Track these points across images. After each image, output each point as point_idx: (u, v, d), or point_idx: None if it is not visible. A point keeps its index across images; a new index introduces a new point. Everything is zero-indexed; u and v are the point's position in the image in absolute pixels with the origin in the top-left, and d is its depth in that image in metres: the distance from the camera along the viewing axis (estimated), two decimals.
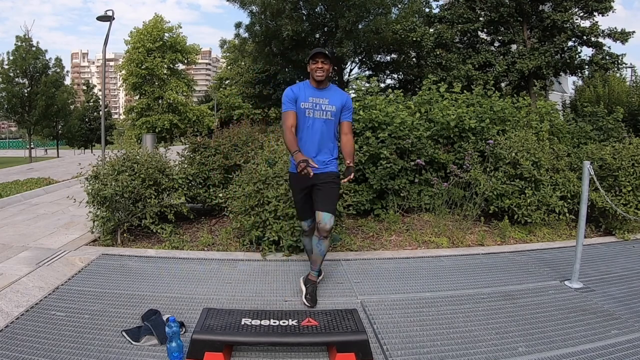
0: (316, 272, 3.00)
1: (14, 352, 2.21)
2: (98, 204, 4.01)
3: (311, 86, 2.88)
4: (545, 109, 5.87)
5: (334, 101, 2.87)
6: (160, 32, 25.42)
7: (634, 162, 4.48)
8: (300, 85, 2.93)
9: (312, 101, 2.84)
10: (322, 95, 2.86)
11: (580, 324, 2.61)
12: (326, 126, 2.86)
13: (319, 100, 2.85)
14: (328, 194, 2.84)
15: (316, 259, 2.97)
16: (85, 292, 2.99)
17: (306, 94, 2.85)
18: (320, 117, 2.84)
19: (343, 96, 2.92)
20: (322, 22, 16.79)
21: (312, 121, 2.84)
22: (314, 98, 2.85)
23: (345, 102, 2.92)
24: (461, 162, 4.78)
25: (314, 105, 2.84)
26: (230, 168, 4.84)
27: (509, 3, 13.47)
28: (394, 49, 17.73)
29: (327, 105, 2.85)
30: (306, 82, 2.94)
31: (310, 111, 2.84)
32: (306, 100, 2.84)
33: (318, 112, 2.84)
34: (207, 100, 40.42)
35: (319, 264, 3.00)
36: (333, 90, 2.93)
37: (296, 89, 2.88)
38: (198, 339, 2.15)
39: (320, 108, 2.85)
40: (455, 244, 4.18)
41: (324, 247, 2.92)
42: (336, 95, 2.90)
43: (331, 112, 2.86)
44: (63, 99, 25.47)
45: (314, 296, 2.87)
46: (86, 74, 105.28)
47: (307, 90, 2.88)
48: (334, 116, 2.87)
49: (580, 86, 17.85)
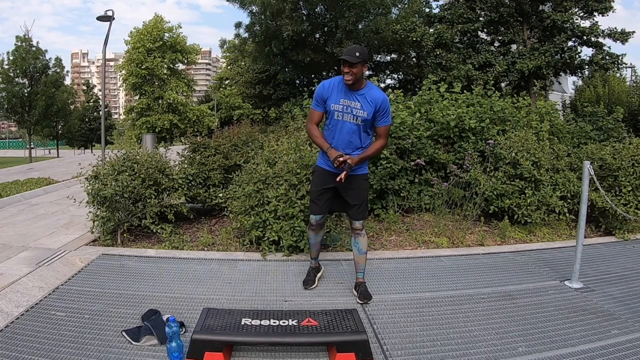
0: (362, 272, 3.03)
1: (14, 352, 2.21)
2: (98, 204, 4.01)
3: (345, 86, 2.73)
4: (545, 109, 5.87)
5: (366, 106, 2.72)
6: (160, 32, 25.40)
7: (634, 162, 4.49)
8: (334, 82, 2.78)
9: (343, 103, 2.73)
10: (354, 98, 2.73)
11: (580, 324, 2.61)
12: (356, 129, 2.77)
13: (350, 103, 2.73)
14: (359, 199, 2.88)
15: (358, 259, 3.02)
16: (85, 292, 2.99)
17: (338, 95, 2.74)
18: (351, 122, 2.75)
19: (377, 100, 2.72)
20: (322, 22, 16.79)
21: (342, 124, 2.76)
22: (346, 100, 2.73)
23: (379, 107, 2.72)
24: (461, 162, 4.78)
25: (344, 108, 2.73)
26: (230, 168, 4.84)
27: (509, 3, 13.46)
28: (394, 49, 17.74)
29: (358, 110, 2.73)
30: (342, 79, 2.75)
31: (339, 114, 2.75)
32: (337, 102, 2.74)
33: (348, 115, 2.74)
34: (207, 100, 40.44)
35: (361, 264, 3.02)
36: (368, 92, 2.74)
37: (329, 87, 2.77)
38: (198, 339, 2.15)
39: (351, 112, 2.73)
40: (455, 244, 4.18)
41: (360, 244, 2.97)
42: (369, 99, 2.73)
43: (362, 117, 2.73)
44: (63, 99, 25.47)
45: (367, 294, 2.92)
46: (86, 74, 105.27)
47: (341, 90, 2.75)
48: (364, 121, 2.74)
49: (580, 86, 17.87)
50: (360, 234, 2.98)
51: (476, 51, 14.25)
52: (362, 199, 2.92)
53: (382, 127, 2.81)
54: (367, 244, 3.09)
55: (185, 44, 26.41)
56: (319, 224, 3.02)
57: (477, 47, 14.57)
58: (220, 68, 53.31)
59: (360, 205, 2.91)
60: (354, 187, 2.86)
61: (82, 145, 39.87)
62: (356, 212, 2.91)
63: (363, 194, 2.93)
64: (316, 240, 3.14)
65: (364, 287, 2.97)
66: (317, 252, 3.24)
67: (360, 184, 2.91)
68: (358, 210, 2.91)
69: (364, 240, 3.00)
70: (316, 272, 3.26)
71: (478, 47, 14.59)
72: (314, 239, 3.15)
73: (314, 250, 3.22)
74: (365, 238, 3.02)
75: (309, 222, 3.12)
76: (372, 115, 2.75)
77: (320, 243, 3.20)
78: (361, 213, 2.93)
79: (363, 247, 2.99)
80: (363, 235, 2.99)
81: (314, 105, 2.84)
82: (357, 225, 2.95)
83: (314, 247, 3.19)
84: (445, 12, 14.51)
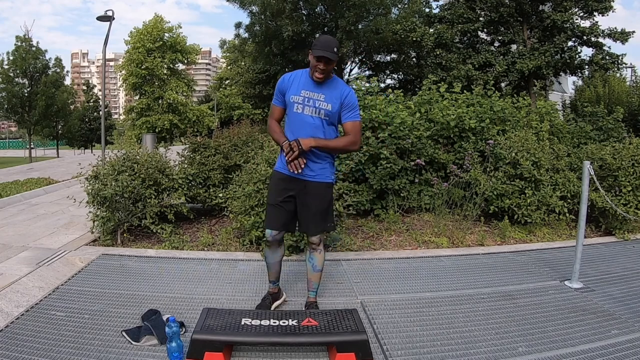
0: (313, 292, 2.71)
1: (14, 352, 2.20)
2: (98, 204, 4.01)
3: (309, 77, 2.43)
4: (545, 109, 5.87)
5: (331, 98, 2.40)
6: (160, 32, 25.42)
7: (634, 162, 4.49)
8: (297, 72, 2.49)
9: (304, 95, 2.40)
10: (318, 90, 2.40)
11: (580, 324, 2.61)
12: (319, 124, 2.42)
13: (312, 95, 2.40)
14: (313, 212, 2.49)
15: (311, 276, 2.66)
16: (85, 292, 2.99)
17: (299, 86, 2.42)
18: (312, 115, 2.40)
19: (343, 91, 2.43)
20: (322, 22, 16.81)
21: (302, 118, 2.41)
22: (307, 92, 2.40)
23: (344, 99, 2.42)
24: (461, 162, 4.78)
25: (305, 99, 2.40)
26: (230, 168, 4.84)
27: (509, 3, 13.48)
28: (394, 49, 17.77)
29: (322, 102, 2.40)
30: (305, 71, 2.47)
31: (299, 106, 2.41)
32: (297, 92, 2.40)
33: (309, 108, 2.40)
34: (207, 100, 40.44)
35: (315, 283, 2.68)
36: (334, 85, 2.45)
37: (289, 79, 2.47)
38: (198, 339, 2.15)
39: (313, 104, 2.40)
40: (455, 244, 4.18)
41: (315, 260, 2.61)
42: (335, 92, 2.43)
43: (325, 110, 2.40)
44: (63, 99, 25.47)
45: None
46: (86, 74, 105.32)
47: (303, 80, 2.44)
48: (329, 115, 2.41)
49: (580, 86, 17.88)
50: (317, 249, 2.60)
51: (476, 51, 14.27)
52: (321, 209, 2.51)
53: (350, 123, 2.45)
54: (324, 261, 2.66)
55: (185, 44, 26.44)
56: (276, 239, 2.57)
57: (477, 47, 14.59)
58: (220, 68, 53.33)
59: (317, 216, 2.50)
60: (313, 194, 2.47)
61: (82, 145, 39.89)
62: (311, 223, 2.50)
63: (323, 204, 2.52)
64: (274, 259, 2.67)
65: (315, 308, 2.64)
66: (277, 273, 2.74)
67: (322, 191, 2.49)
68: (313, 221, 2.50)
69: (321, 257, 2.62)
70: (274, 299, 2.75)
71: (478, 47, 14.61)
72: (271, 258, 2.67)
73: (272, 272, 2.73)
74: (323, 254, 2.63)
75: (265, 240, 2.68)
76: (338, 109, 2.43)
77: (280, 263, 2.71)
78: (317, 226, 2.52)
79: (318, 264, 2.62)
80: (320, 251, 2.60)
81: (274, 100, 2.55)
82: (313, 239, 2.56)
83: (272, 267, 2.71)
84: (445, 12, 14.52)
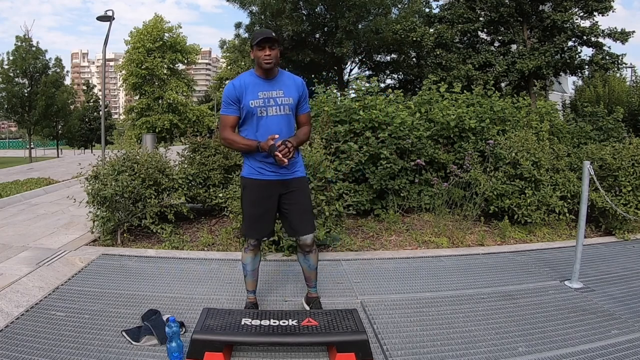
0: (314, 287, 2.70)
1: (14, 352, 2.21)
2: (98, 204, 4.01)
3: (258, 77, 2.36)
4: (545, 109, 5.87)
5: (290, 92, 2.38)
6: (160, 32, 25.45)
7: (634, 162, 4.48)
8: (243, 77, 2.39)
9: (264, 96, 2.33)
10: (274, 87, 2.36)
11: (580, 324, 2.61)
12: (286, 123, 2.38)
13: (271, 94, 2.34)
14: (304, 209, 2.46)
15: (309, 275, 2.65)
16: (85, 292, 2.99)
17: (254, 88, 2.33)
18: (277, 114, 2.35)
19: (298, 83, 2.43)
20: (322, 22, 16.82)
21: (267, 121, 2.33)
22: (265, 92, 2.33)
23: (302, 90, 2.43)
24: (461, 162, 4.78)
25: (266, 101, 2.33)
26: (230, 168, 4.84)
27: (509, 3, 13.48)
28: (394, 49, 17.76)
29: (282, 98, 2.35)
30: (251, 72, 2.40)
31: (262, 110, 2.32)
32: (255, 96, 2.32)
33: (273, 108, 2.34)
34: (207, 100, 40.47)
35: (313, 279, 2.67)
36: (286, 78, 2.42)
37: (239, 84, 2.34)
38: (198, 339, 2.15)
39: (275, 102, 2.34)
40: (455, 244, 4.18)
41: (311, 261, 2.58)
42: (291, 84, 2.40)
43: (289, 105, 2.37)
44: (63, 99, 25.47)
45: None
46: (86, 74, 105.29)
47: (254, 83, 2.35)
48: (292, 109, 2.39)
49: (580, 86, 17.85)
50: (312, 251, 2.54)
51: (476, 51, 14.27)
52: (308, 206, 2.50)
53: (304, 115, 2.49)
54: (318, 258, 2.66)
55: (185, 44, 26.47)
56: (258, 245, 2.56)
57: (477, 47, 14.59)
58: (220, 68, 53.35)
59: (307, 213, 2.47)
60: (297, 191, 2.44)
61: (82, 145, 39.90)
62: (303, 223, 2.45)
63: (308, 200, 2.51)
64: (254, 266, 2.59)
65: (317, 303, 2.65)
66: (255, 282, 2.65)
67: (304, 185, 2.50)
68: (305, 221, 2.45)
69: (316, 257, 2.59)
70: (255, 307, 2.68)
71: (478, 47, 14.61)
72: (251, 265, 2.57)
73: (250, 281, 2.63)
74: (317, 253, 2.60)
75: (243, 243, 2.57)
76: (297, 100, 2.41)
77: (258, 270, 2.64)
78: (310, 225, 2.48)
79: (314, 263, 2.60)
80: (314, 251, 2.55)
81: (224, 111, 2.39)
82: (307, 242, 2.48)
83: (251, 275, 2.61)
84: (445, 12, 14.52)
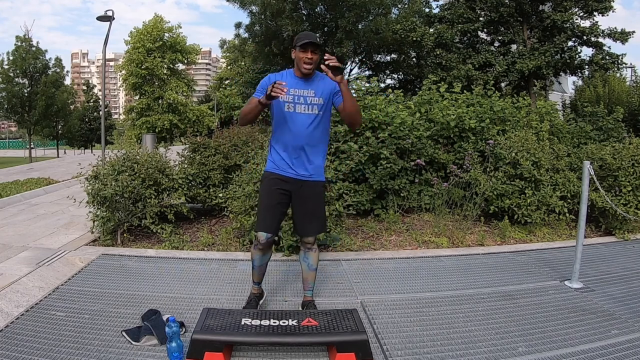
0: (310, 290, 2.69)
1: (14, 352, 2.20)
2: (98, 204, 4.01)
3: (295, 76, 2.44)
4: (545, 109, 5.87)
5: (321, 92, 2.41)
6: (160, 32, 25.44)
7: (634, 162, 4.48)
8: (283, 73, 2.49)
9: (294, 93, 2.39)
10: (307, 87, 2.41)
11: (580, 324, 2.61)
12: (312, 123, 2.41)
13: (302, 92, 2.39)
14: (310, 214, 2.52)
15: (307, 276, 2.67)
16: (85, 292, 2.99)
17: (287, 85, 2.36)
18: (304, 112, 2.40)
19: (331, 82, 2.40)
20: (322, 22, 16.80)
21: (294, 117, 2.39)
22: (297, 89, 2.39)
23: (334, 86, 2.41)
24: (461, 162, 4.78)
25: (296, 97, 2.39)
26: (230, 168, 4.84)
27: (509, 3, 13.48)
28: (394, 49, 17.74)
29: (313, 97, 2.40)
30: (289, 71, 2.47)
31: (290, 105, 2.38)
32: (287, 92, 2.35)
33: (301, 106, 2.39)
34: (207, 100, 40.45)
35: (311, 282, 2.68)
36: (320, 79, 2.45)
37: (275, 78, 2.42)
38: (198, 339, 2.15)
39: (305, 101, 2.39)
40: (455, 244, 4.18)
41: (311, 259, 2.62)
42: (324, 84, 2.43)
43: (318, 105, 2.40)
44: (63, 99, 25.47)
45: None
46: (86, 74, 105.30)
47: (290, 80, 2.42)
48: (321, 110, 2.42)
49: (580, 86, 17.86)
50: (312, 249, 2.62)
51: (476, 51, 14.27)
52: (319, 210, 2.56)
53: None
54: (318, 259, 2.69)
55: (185, 44, 26.46)
56: (269, 242, 2.54)
57: (477, 47, 14.59)
58: (220, 68, 53.34)
59: (318, 219, 2.55)
60: (309, 193, 2.49)
61: (82, 145, 39.91)
62: (311, 225, 2.54)
63: (321, 204, 2.57)
64: (262, 261, 2.66)
65: (312, 307, 2.65)
66: (262, 275, 2.74)
67: (318, 190, 2.53)
68: (314, 223, 2.54)
69: (316, 256, 2.64)
70: (259, 299, 2.77)
71: (478, 47, 14.61)
72: (259, 261, 2.64)
73: (258, 273, 2.71)
74: (317, 253, 2.65)
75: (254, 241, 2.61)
76: (329, 99, 2.43)
77: (266, 265, 2.71)
78: (317, 227, 2.56)
79: (313, 262, 2.64)
80: (314, 250, 2.63)
81: (255, 95, 2.42)
82: (309, 239, 2.58)
83: (258, 269, 2.68)
84: (445, 12, 14.53)
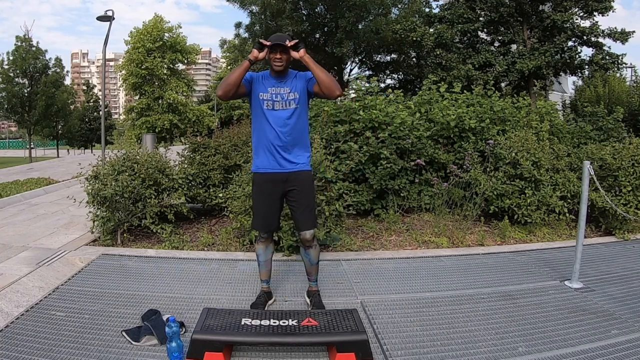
0: (314, 282, 2.82)
1: (14, 352, 2.20)
2: (98, 204, 4.01)
3: (271, 76, 2.56)
4: (545, 109, 5.87)
5: (295, 87, 2.53)
6: (160, 32, 25.42)
7: (634, 162, 4.48)
8: (264, 74, 2.60)
9: (272, 92, 2.51)
10: (282, 85, 2.53)
11: (580, 324, 2.61)
12: (292, 117, 2.52)
13: (279, 90, 2.52)
14: (304, 207, 2.57)
15: (310, 269, 2.78)
16: (85, 292, 2.99)
17: (265, 84, 2.53)
18: (283, 109, 2.51)
19: (304, 74, 2.56)
20: (322, 22, 16.81)
21: (274, 114, 2.51)
22: (274, 88, 2.52)
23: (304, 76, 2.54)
24: (461, 162, 4.78)
25: (273, 95, 2.51)
26: (230, 168, 4.84)
27: (509, 3, 13.47)
28: (394, 49, 17.76)
29: (288, 93, 2.52)
30: (266, 73, 2.59)
31: (269, 103, 2.50)
32: (265, 90, 2.51)
33: (279, 103, 2.51)
34: (207, 100, 40.48)
35: (314, 274, 2.80)
36: (293, 77, 2.57)
37: (257, 75, 2.57)
38: (198, 339, 2.15)
39: (282, 98, 2.51)
40: (455, 244, 4.18)
41: (312, 256, 2.70)
42: (297, 80, 2.55)
43: (295, 100, 2.51)
44: (63, 99, 25.49)
45: (320, 304, 2.74)
46: (86, 74, 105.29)
47: (267, 80, 2.56)
48: (298, 103, 2.52)
49: (580, 86, 17.85)
50: (312, 246, 2.66)
51: (476, 51, 14.26)
52: (310, 201, 2.59)
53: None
54: (319, 254, 2.77)
55: (185, 44, 26.44)
56: (269, 236, 2.68)
57: (477, 47, 14.58)
58: (220, 68, 53.38)
59: (309, 210, 2.57)
60: (300, 185, 2.55)
61: (82, 146, 39.91)
62: (304, 218, 2.57)
63: (311, 195, 2.60)
64: (267, 256, 2.74)
65: (317, 297, 2.75)
66: (269, 272, 2.81)
67: (308, 180, 2.59)
68: (306, 216, 2.57)
69: (316, 252, 2.71)
70: (268, 297, 2.81)
71: (478, 47, 14.60)
72: (263, 255, 2.74)
73: (264, 271, 2.79)
74: (317, 249, 2.71)
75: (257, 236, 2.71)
76: (304, 92, 2.54)
77: (271, 261, 2.79)
78: (310, 220, 2.58)
79: (314, 258, 2.72)
80: (315, 246, 2.68)
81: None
82: (307, 237, 2.60)
83: (264, 265, 2.77)
84: (445, 12, 14.52)
